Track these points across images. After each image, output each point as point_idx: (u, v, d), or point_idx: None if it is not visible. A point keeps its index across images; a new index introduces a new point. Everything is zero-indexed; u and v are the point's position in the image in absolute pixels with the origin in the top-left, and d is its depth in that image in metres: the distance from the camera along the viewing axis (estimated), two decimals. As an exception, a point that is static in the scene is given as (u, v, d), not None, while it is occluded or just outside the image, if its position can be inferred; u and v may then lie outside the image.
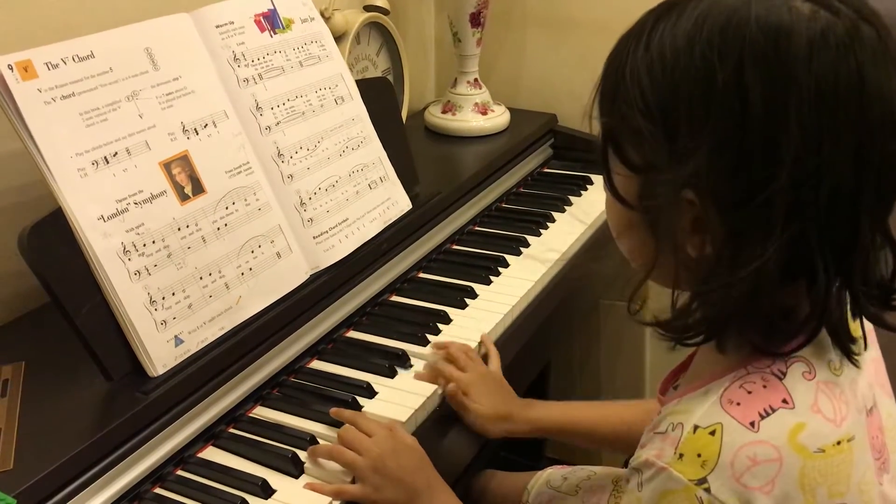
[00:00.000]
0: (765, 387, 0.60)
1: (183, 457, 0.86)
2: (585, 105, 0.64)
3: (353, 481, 0.83)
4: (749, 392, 0.60)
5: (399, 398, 0.94)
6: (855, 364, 0.63)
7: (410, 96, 1.51)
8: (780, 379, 0.60)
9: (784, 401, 0.59)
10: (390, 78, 1.44)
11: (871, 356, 0.70)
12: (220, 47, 1.00)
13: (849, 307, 0.62)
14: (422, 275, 1.21)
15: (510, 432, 0.96)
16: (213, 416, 0.89)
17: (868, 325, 0.68)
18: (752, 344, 0.61)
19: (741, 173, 0.55)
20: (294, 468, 0.84)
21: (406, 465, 0.84)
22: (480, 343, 1.04)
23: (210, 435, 0.89)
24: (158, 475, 0.83)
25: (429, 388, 0.96)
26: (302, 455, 0.86)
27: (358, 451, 0.83)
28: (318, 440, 0.88)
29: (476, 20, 1.48)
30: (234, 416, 0.92)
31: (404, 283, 1.18)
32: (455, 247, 1.29)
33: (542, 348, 1.22)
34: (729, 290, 0.57)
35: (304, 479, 0.84)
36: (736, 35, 0.55)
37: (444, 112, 1.54)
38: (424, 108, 1.60)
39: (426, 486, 0.83)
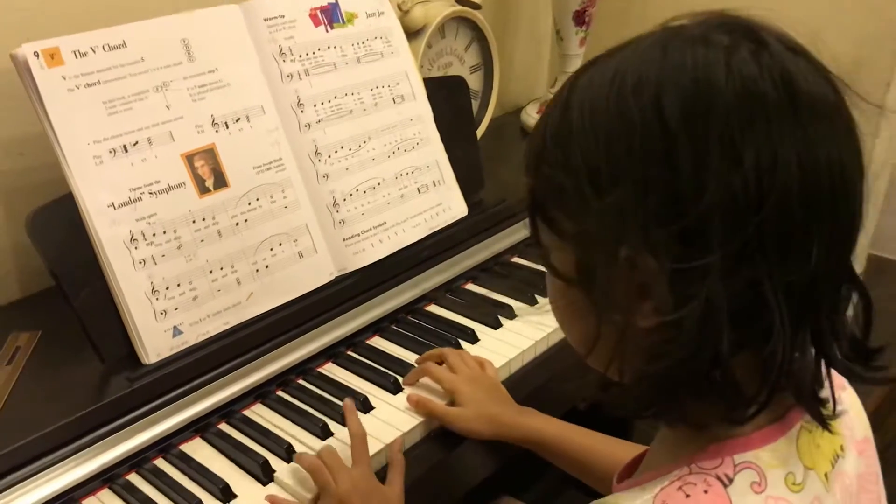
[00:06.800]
0: (706, 492, 0.52)
1: (166, 445, 0.88)
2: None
3: (316, 499, 0.82)
4: (687, 496, 0.52)
5: (393, 418, 0.91)
6: (827, 428, 0.55)
7: (518, 92, 1.45)
8: (725, 486, 0.52)
9: None
10: (480, 74, 1.39)
11: (856, 469, 0.59)
12: (267, 41, 1.00)
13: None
14: (469, 286, 1.17)
15: (500, 436, 0.91)
16: (204, 410, 0.90)
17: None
18: (706, 421, 0.54)
19: (669, 203, 0.48)
20: (263, 476, 0.84)
21: None
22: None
23: (201, 426, 0.90)
24: (137, 460, 0.85)
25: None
26: (274, 463, 0.85)
27: (335, 477, 0.81)
28: (296, 450, 0.87)
29: (580, 19, 1.40)
30: (228, 410, 0.92)
31: (447, 293, 1.14)
32: (515, 259, 1.23)
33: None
34: (676, 351, 0.49)
35: (271, 487, 0.84)
36: (650, 69, 0.49)
37: (539, 112, 1.47)
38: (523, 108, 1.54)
39: None
